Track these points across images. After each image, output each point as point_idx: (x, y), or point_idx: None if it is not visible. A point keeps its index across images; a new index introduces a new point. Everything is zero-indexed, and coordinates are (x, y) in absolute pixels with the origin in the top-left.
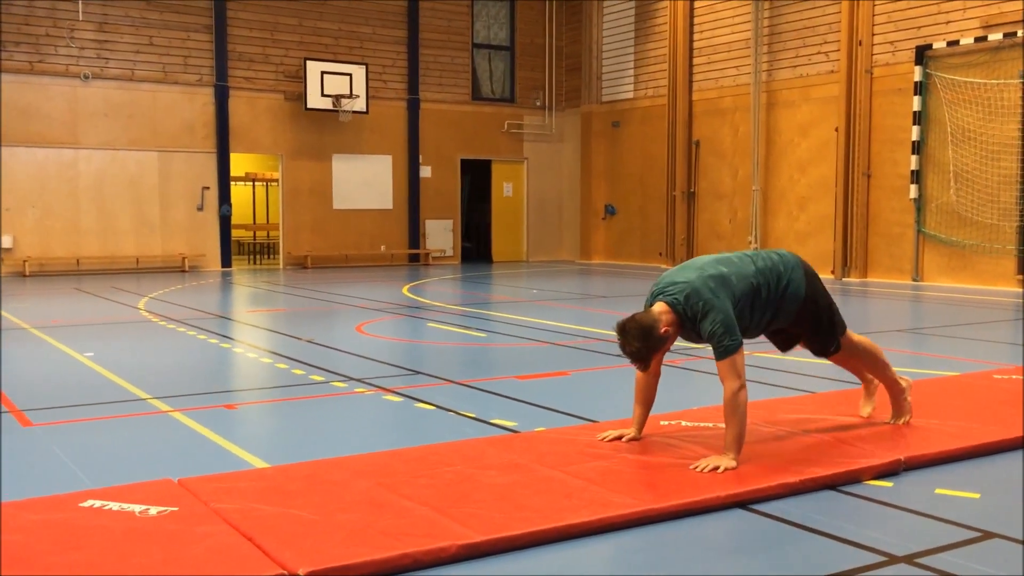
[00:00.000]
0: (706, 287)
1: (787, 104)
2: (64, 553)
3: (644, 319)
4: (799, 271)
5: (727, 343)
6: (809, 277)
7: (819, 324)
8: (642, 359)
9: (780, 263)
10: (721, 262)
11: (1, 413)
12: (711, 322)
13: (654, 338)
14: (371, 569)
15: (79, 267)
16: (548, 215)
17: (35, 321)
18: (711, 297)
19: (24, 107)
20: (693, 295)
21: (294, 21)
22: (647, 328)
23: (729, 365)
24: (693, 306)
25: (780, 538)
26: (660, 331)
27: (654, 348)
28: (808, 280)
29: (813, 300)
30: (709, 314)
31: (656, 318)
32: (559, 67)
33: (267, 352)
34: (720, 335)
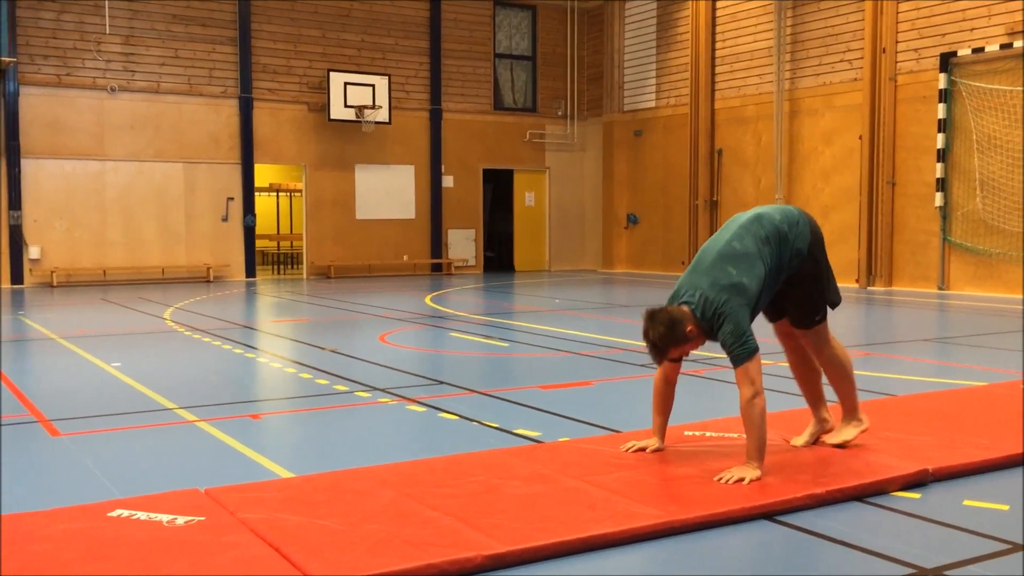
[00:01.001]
0: (719, 297)
1: (810, 112)
2: (93, 562)
3: (674, 311)
4: (804, 226)
5: (738, 351)
6: (814, 233)
7: (813, 286)
8: (661, 349)
9: (784, 222)
10: (728, 259)
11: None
12: (723, 332)
13: (679, 331)
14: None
15: (106, 277)
16: (570, 224)
17: (63, 331)
18: (724, 308)
19: (52, 120)
20: (707, 306)
21: (317, 33)
22: (676, 319)
23: (742, 373)
24: (709, 317)
25: (806, 550)
26: (686, 328)
27: (675, 341)
28: (812, 236)
29: (814, 258)
30: (723, 324)
31: (685, 315)
32: (581, 76)
33: (291, 362)
34: (731, 343)
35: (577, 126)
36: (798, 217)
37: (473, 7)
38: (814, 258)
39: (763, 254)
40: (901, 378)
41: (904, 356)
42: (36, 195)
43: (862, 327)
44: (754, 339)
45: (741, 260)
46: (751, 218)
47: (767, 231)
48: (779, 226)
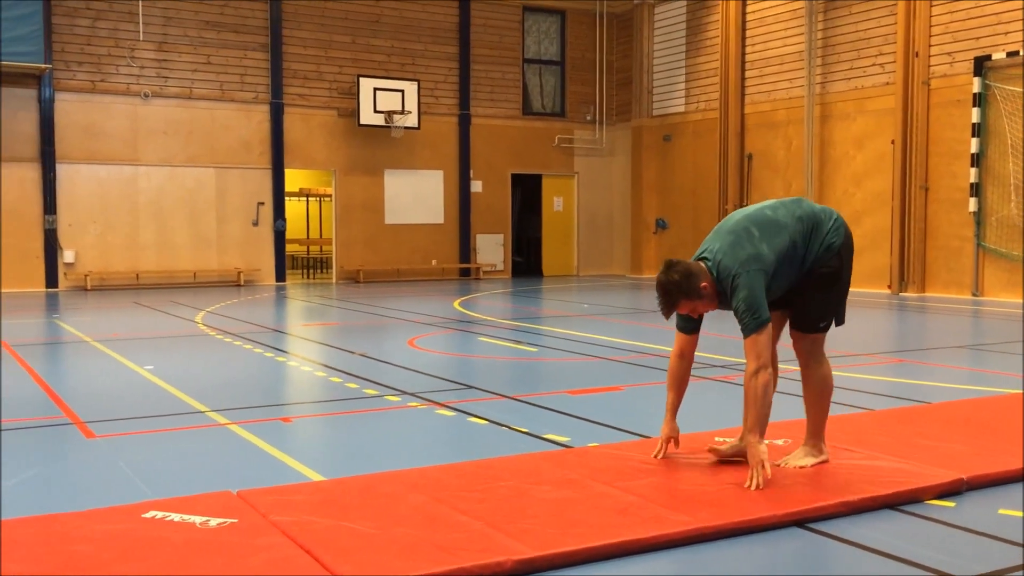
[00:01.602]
0: (736, 262)
1: (842, 116)
2: (128, 563)
3: (692, 264)
4: (840, 224)
5: (748, 321)
6: (847, 236)
7: (829, 287)
8: (671, 298)
9: (822, 212)
10: (755, 222)
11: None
12: (737, 299)
13: (693, 283)
14: None
15: (138, 281)
16: (599, 229)
17: (97, 334)
18: (740, 272)
19: (87, 125)
20: (724, 266)
21: (347, 39)
22: (693, 271)
23: (751, 344)
24: (723, 279)
25: (838, 558)
26: (700, 282)
27: (687, 292)
28: (846, 238)
29: (841, 258)
30: (738, 290)
31: (702, 271)
32: (610, 81)
33: (321, 366)
34: (743, 312)
35: (606, 131)
36: (837, 216)
37: (502, 12)
38: (841, 259)
39: (792, 228)
40: (935, 385)
41: (937, 363)
42: (71, 200)
43: (895, 333)
44: (767, 310)
45: (768, 226)
46: (791, 199)
47: (804, 211)
48: (818, 214)
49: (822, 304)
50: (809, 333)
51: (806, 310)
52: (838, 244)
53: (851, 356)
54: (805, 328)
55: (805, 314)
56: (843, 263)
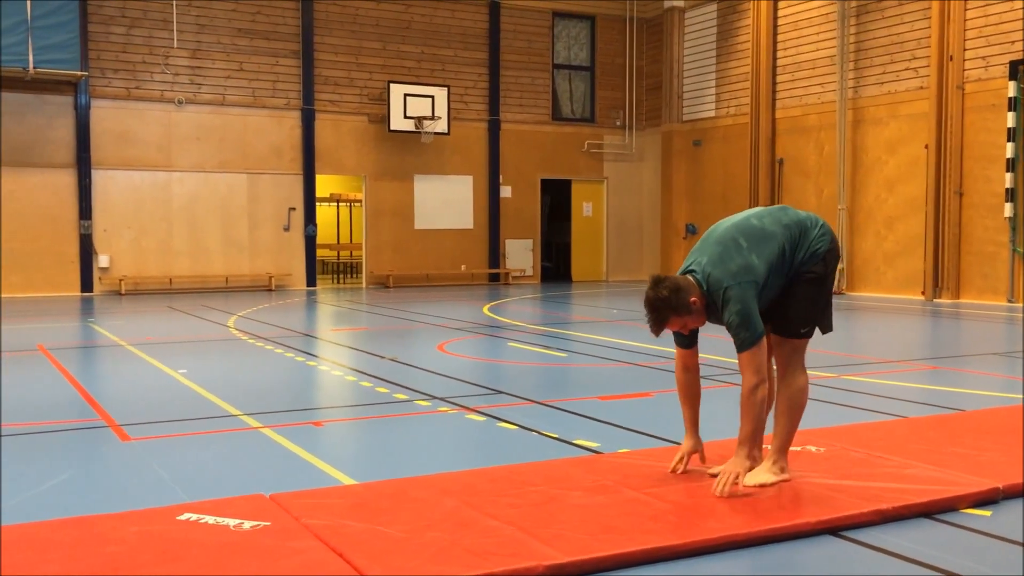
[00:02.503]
0: (727, 274)
1: (874, 121)
2: (163, 565)
3: (681, 279)
4: (826, 231)
5: (743, 335)
6: (833, 242)
7: (813, 291)
8: (660, 315)
9: (808, 219)
10: (743, 232)
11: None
12: (728, 313)
13: (682, 298)
14: None
15: (171, 286)
16: (628, 235)
17: (131, 338)
18: (731, 285)
19: (122, 132)
20: (713, 279)
21: (378, 45)
22: (681, 286)
23: (748, 359)
24: (714, 292)
25: (872, 567)
26: (690, 298)
27: (676, 308)
28: (832, 244)
29: (825, 263)
30: (730, 303)
31: (691, 285)
32: (639, 86)
33: (351, 370)
34: (736, 326)
35: (635, 136)
36: (823, 223)
37: (532, 18)
38: (826, 265)
39: (780, 236)
40: (970, 393)
41: (973, 370)
42: (106, 205)
43: (929, 340)
44: (761, 322)
45: (755, 235)
46: (777, 207)
47: (790, 218)
48: (803, 220)
49: (805, 309)
50: (790, 339)
51: (788, 315)
52: (823, 250)
53: (885, 363)
54: (786, 333)
55: (787, 319)
56: (827, 269)
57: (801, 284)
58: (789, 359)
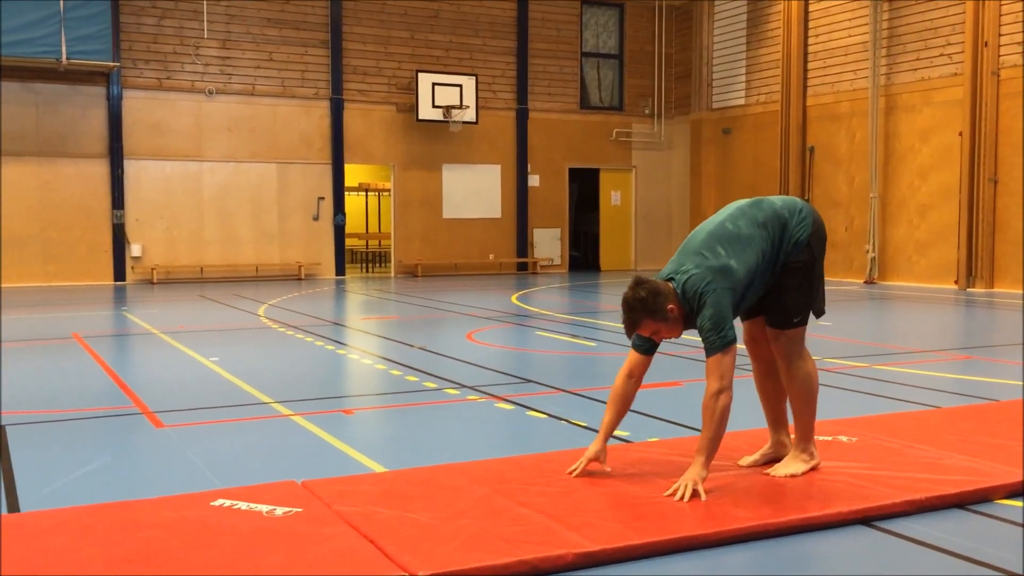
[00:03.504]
0: (704, 280)
1: (907, 108)
2: (198, 550)
3: (661, 284)
4: (807, 215)
5: (713, 339)
6: (816, 224)
7: (803, 280)
8: (635, 318)
9: (785, 208)
10: (720, 239)
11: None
12: (702, 317)
13: (659, 303)
14: (489, 574)
15: (202, 275)
16: (657, 223)
17: (164, 327)
18: (707, 290)
19: (154, 122)
20: (690, 284)
21: (406, 34)
22: (660, 291)
23: (714, 363)
24: (690, 298)
25: (905, 557)
26: (667, 304)
27: (652, 312)
28: (815, 227)
29: (811, 249)
30: (704, 308)
31: (670, 292)
32: (668, 74)
33: (381, 359)
34: (708, 330)
35: (664, 124)
36: (801, 206)
37: (560, 6)
38: (812, 251)
39: (758, 238)
40: (1004, 383)
41: (1007, 360)
42: (138, 195)
43: (962, 330)
44: (733, 329)
45: (733, 241)
46: (750, 202)
47: (765, 215)
48: (779, 212)
49: (796, 299)
50: (786, 329)
51: (780, 306)
52: (806, 237)
53: (918, 353)
54: (781, 324)
55: (780, 310)
56: (814, 254)
57: (790, 275)
58: (788, 350)
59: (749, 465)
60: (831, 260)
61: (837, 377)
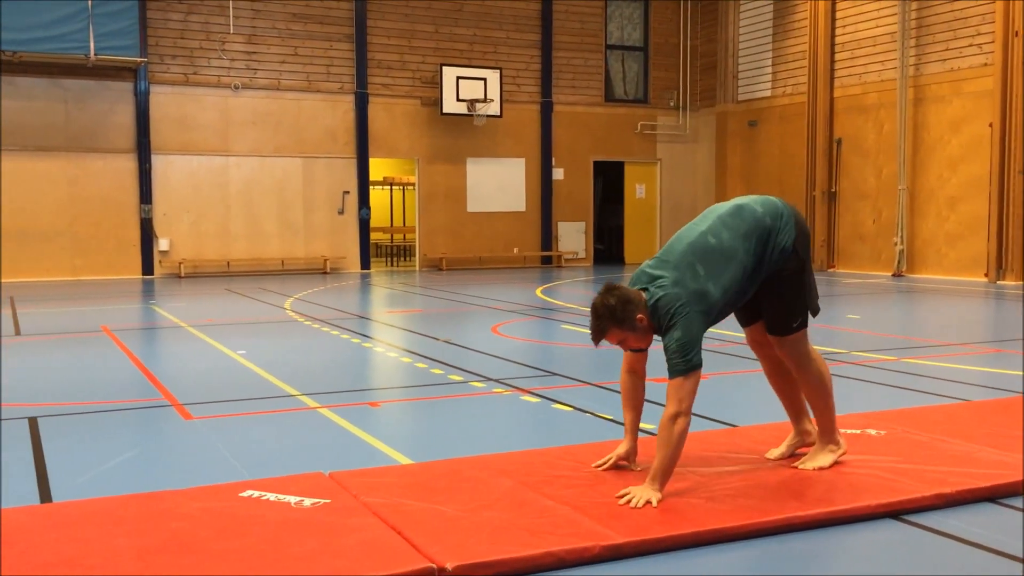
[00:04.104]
0: (677, 301)
1: (936, 99)
2: (228, 540)
3: (633, 293)
4: (789, 219)
5: (677, 363)
6: (799, 227)
7: (794, 285)
8: (602, 325)
9: (767, 215)
10: (700, 255)
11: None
12: (669, 339)
13: (628, 312)
14: (516, 566)
15: (229, 268)
16: (682, 216)
17: (191, 320)
18: (677, 313)
19: (180, 117)
20: (662, 303)
21: (431, 28)
22: (631, 300)
23: (676, 387)
24: (660, 316)
25: (935, 551)
26: (636, 314)
27: (620, 321)
28: (798, 230)
29: (798, 254)
30: (671, 330)
31: (642, 302)
32: (694, 66)
33: (406, 352)
34: (673, 352)
35: (689, 117)
36: (783, 210)
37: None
38: (799, 255)
39: (741, 251)
40: None
41: None
42: (165, 190)
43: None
44: (700, 355)
45: (713, 258)
46: (730, 210)
47: (748, 225)
48: (761, 219)
49: (789, 303)
50: (788, 335)
51: (777, 314)
52: (791, 244)
53: (948, 346)
54: (780, 331)
55: (776, 318)
56: (801, 257)
57: (782, 283)
58: (794, 353)
59: (777, 458)
60: (858, 253)
61: (865, 370)
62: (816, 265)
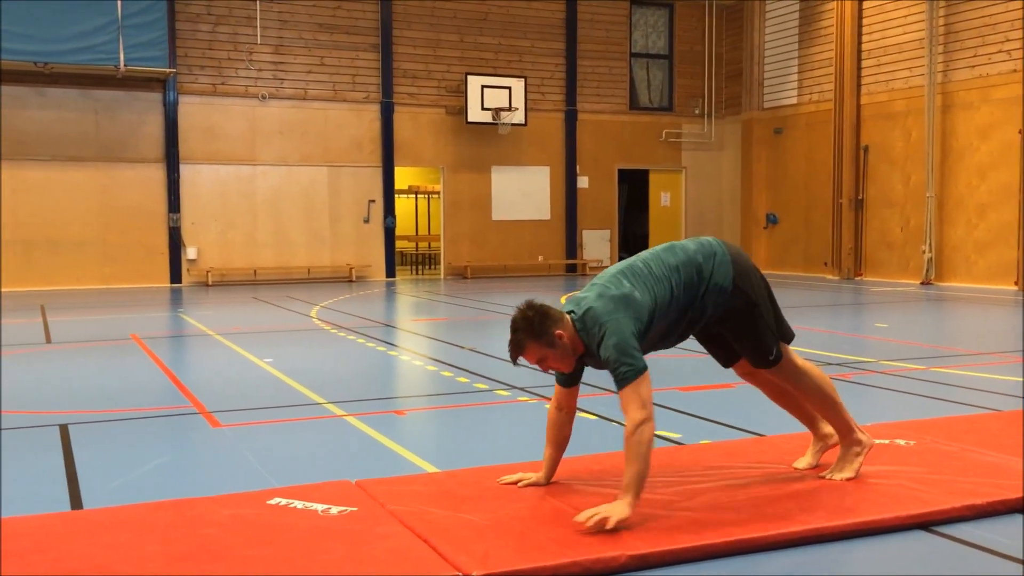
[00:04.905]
0: (604, 308)
1: (965, 106)
2: (256, 547)
3: (552, 310)
4: (724, 258)
5: (624, 370)
6: (738, 266)
7: (751, 322)
8: (518, 340)
9: (699, 253)
10: (626, 274)
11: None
12: (605, 347)
13: (546, 328)
14: (542, 575)
15: (256, 277)
16: (707, 224)
17: (219, 328)
18: (608, 320)
19: (208, 127)
20: (590, 314)
21: (455, 37)
22: (550, 316)
23: (631, 394)
24: (590, 329)
25: (966, 563)
26: (556, 330)
27: (537, 336)
28: (737, 269)
29: (743, 292)
30: (604, 339)
31: (563, 319)
32: (719, 74)
33: (432, 360)
34: (616, 358)
35: (715, 124)
36: (715, 248)
37: (609, 7)
38: (742, 292)
39: (672, 278)
40: None
41: None
42: (193, 199)
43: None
44: (643, 357)
45: (642, 276)
46: (664, 247)
47: (678, 259)
48: (693, 256)
49: (754, 339)
50: (772, 367)
51: (751, 350)
52: (729, 283)
53: (977, 355)
54: (765, 364)
55: (754, 354)
56: (747, 293)
57: (737, 322)
58: (785, 376)
59: (804, 467)
60: (886, 261)
61: (894, 379)
62: (843, 273)
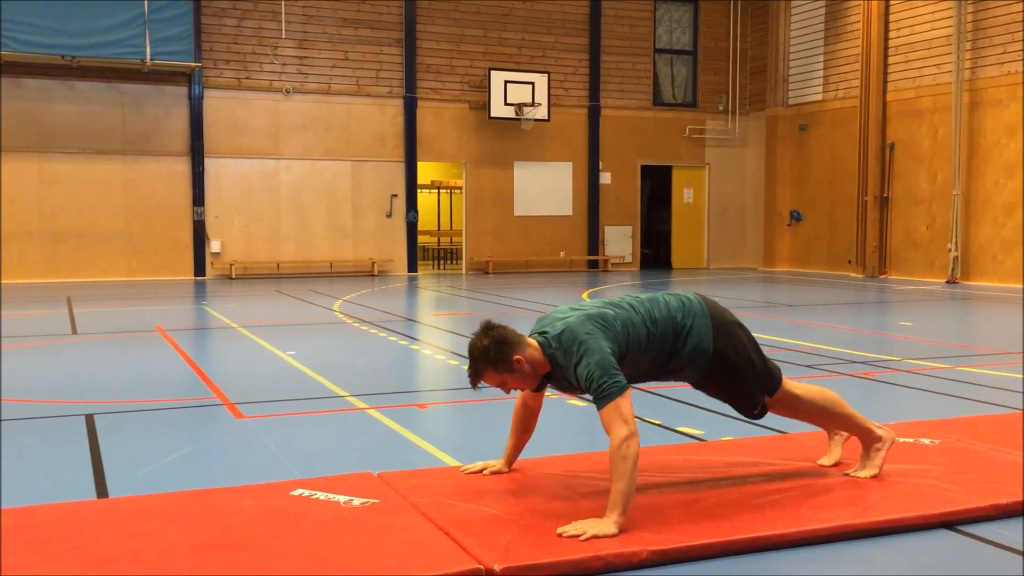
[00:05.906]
0: (583, 327)
1: (993, 103)
2: (280, 537)
3: (513, 334)
4: (703, 320)
5: (606, 386)
6: (719, 327)
7: (734, 383)
8: (476, 368)
9: (679, 312)
10: (609, 304)
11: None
12: (585, 365)
13: (504, 353)
14: (563, 569)
15: (279, 270)
16: (730, 221)
17: (242, 321)
18: (586, 338)
19: (233, 121)
20: (567, 334)
21: (479, 32)
22: (509, 341)
23: (613, 411)
24: (567, 348)
25: (990, 563)
26: (514, 356)
27: (494, 362)
28: (717, 331)
29: (723, 354)
30: (584, 357)
31: (525, 345)
32: (743, 70)
33: (453, 354)
34: (597, 378)
35: (739, 121)
36: (697, 309)
37: (634, 2)
38: (723, 356)
39: (648, 325)
40: None
41: None
42: (217, 192)
43: None
44: (620, 374)
45: (622, 308)
46: (646, 296)
47: (659, 314)
48: (673, 314)
49: (743, 396)
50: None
51: (738, 405)
52: (710, 346)
53: (1004, 354)
54: (750, 416)
55: (740, 408)
56: (729, 356)
57: (721, 382)
58: (786, 409)
59: (830, 464)
60: (911, 259)
61: (919, 378)
62: (867, 271)
